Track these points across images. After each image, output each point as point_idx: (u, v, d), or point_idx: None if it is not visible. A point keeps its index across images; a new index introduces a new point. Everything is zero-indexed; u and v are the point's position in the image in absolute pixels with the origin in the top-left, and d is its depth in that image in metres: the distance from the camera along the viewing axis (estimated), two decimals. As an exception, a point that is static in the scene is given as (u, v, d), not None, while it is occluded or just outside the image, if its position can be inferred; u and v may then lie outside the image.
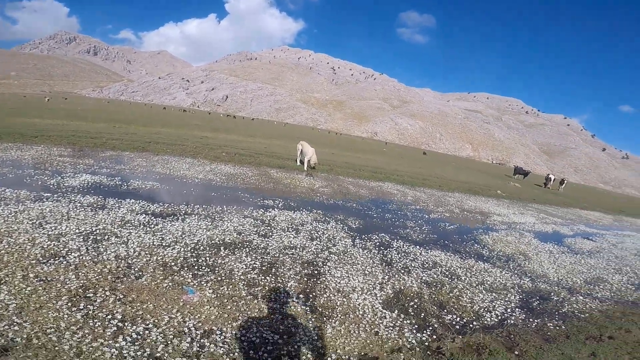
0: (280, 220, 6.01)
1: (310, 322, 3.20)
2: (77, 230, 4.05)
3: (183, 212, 5.57)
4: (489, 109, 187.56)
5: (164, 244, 4.17)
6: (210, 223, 5.22)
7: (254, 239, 4.86)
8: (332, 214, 7.08)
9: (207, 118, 55.13)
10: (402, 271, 4.73)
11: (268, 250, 4.60)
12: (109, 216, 4.73)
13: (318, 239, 5.38)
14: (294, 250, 4.76)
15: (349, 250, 5.14)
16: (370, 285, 4.12)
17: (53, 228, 3.98)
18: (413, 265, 5.03)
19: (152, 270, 3.51)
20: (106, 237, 4.05)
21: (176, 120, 33.28)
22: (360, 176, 13.22)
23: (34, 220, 4.11)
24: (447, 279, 4.75)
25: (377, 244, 5.71)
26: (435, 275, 4.78)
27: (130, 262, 3.58)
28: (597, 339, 3.83)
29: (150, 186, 6.96)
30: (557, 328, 3.97)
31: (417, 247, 5.88)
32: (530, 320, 4.06)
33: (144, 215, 5.03)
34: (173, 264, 3.75)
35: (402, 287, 4.23)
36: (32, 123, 14.84)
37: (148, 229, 4.55)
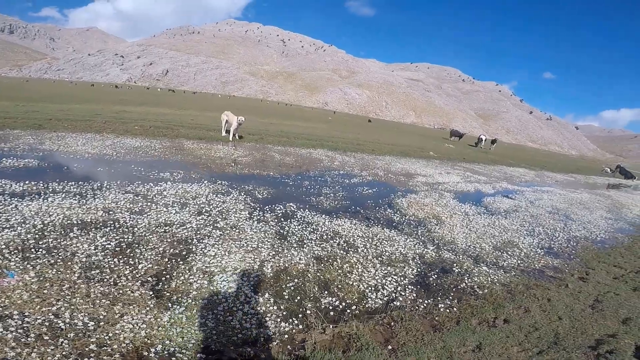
0: (169, 194, 5.37)
1: (147, 308, 2.72)
2: None
3: (50, 190, 4.78)
4: (430, 78, 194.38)
5: (3, 226, 3.50)
6: (77, 201, 4.50)
7: (122, 217, 4.23)
8: (240, 184, 6.57)
9: (139, 93, 50.10)
10: (295, 245, 4.37)
11: (134, 229, 4.01)
12: None
13: (207, 213, 4.86)
14: (167, 228, 4.19)
15: (240, 224, 4.69)
16: (248, 265, 3.69)
17: None
18: (310, 237, 4.69)
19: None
20: None
21: (102, 96, 29.66)
22: (292, 144, 12.77)
23: None
24: (342, 251, 4.44)
25: (280, 215, 5.34)
26: (330, 248, 4.45)
27: None
28: (490, 324, 3.45)
29: (25, 164, 5.96)
30: (449, 310, 3.54)
31: (324, 216, 5.59)
32: (421, 301, 3.63)
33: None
34: (4, 246, 3.15)
35: (287, 265, 3.85)
36: None
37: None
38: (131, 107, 20.13)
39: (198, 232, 4.23)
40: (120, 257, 3.38)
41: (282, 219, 5.17)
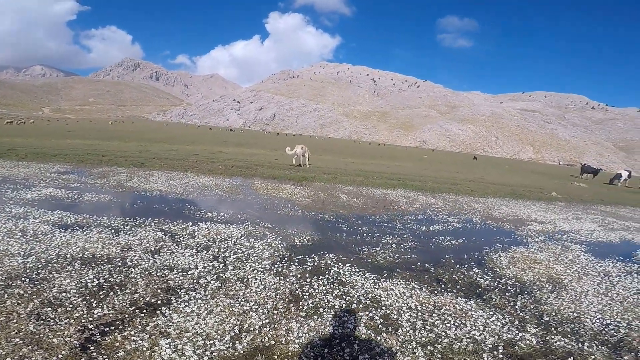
0: (200, 235, 4.87)
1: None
2: None
3: (95, 223, 4.98)
4: (549, 107, 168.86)
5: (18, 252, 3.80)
6: (107, 235, 4.52)
7: (133, 255, 3.95)
8: (283, 227, 5.69)
9: (247, 136, 56.93)
10: (303, 314, 3.14)
11: (132, 269, 3.62)
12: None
13: (222, 260, 4.10)
14: (166, 272, 3.64)
15: (250, 276, 3.75)
16: (220, 332, 2.73)
17: None
18: (332, 304, 3.37)
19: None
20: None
21: (211, 138, 34.41)
22: (366, 184, 11.54)
23: None
24: (370, 331, 2.98)
25: (309, 268, 4.17)
26: (352, 325, 3.05)
27: None
28: None
29: (98, 199, 6.51)
30: None
31: (370, 274, 4.18)
32: None
33: (49, 225, 4.72)
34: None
35: (273, 343, 2.69)
36: (67, 144, 15.94)
37: (29, 237, 4.24)
38: (230, 148, 22.28)
39: (194, 281, 3.50)
40: (89, 298, 3.02)
41: (308, 275, 3.99)
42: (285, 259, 4.39)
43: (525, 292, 4.19)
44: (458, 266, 4.84)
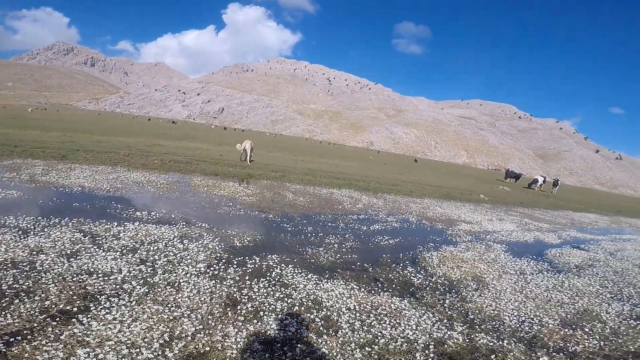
0: (126, 236, 4.43)
1: None
2: None
3: (2, 223, 4.32)
4: (483, 115, 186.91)
5: None
6: (14, 237, 3.94)
7: (43, 259, 3.50)
8: (222, 228, 5.44)
9: (190, 129, 53.91)
10: (242, 319, 3.04)
11: (43, 274, 3.23)
12: None
13: (150, 263, 3.79)
14: (84, 277, 3.30)
15: (183, 280, 3.53)
16: (147, 340, 2.54)
17: None
18: (273, 307, 3.32)
19: None
20: None
21: (148, 130, 31.90)
22: (314, 183, 11.62)
23: None
24: (312, 334, 2.99)
25: (249, 270, 4.05)
26: (294, 328, 3.03)
27: None
28: None
29: (4, 196, 5.59)
30: None
31: (313, 275, 4.19)
32: None
33: None
34: None
35: (208, 349, 2.55)
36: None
37: None
38: (169, 141, 20.86)
39: (117, 287, 3.20)
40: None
41: (248, 277, 3.87)
42: (223, 261, 4.19)
43: (453, 291, 4.48)
44: (394, 265, 5.06)
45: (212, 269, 3.92)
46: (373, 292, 4.04)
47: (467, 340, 3.33)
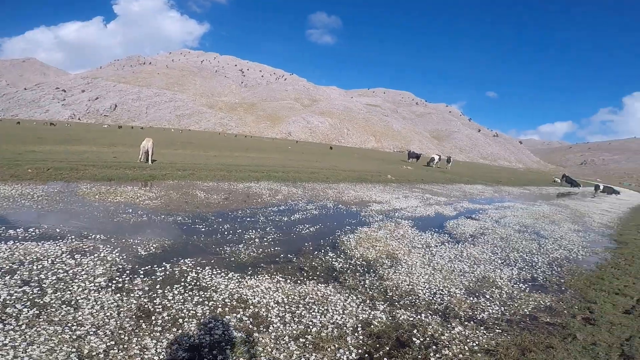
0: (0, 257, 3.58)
1: None
2: None
3: None
4: (387, 102, 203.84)
5: None
6: None
7: None
8: (122, 237, 4.80)
9: (75, 130, 46.10)
10: (159, 329, 2.78)
11: None
12: None
13: (36, 283, 3.23)
14: None
15: (81, 297, 3.09)
16: None
17: None
18: (193, 312, 3.10)
19: None
20: None
21: (19, 135, 26.14)
22: (229, 178, 11.09)
23: None
24: (241, 334, 2.88)
25: (160, 279, 3.68)
26: (221, 331, 2.88)
27: None
28: None
29: None
30: None
31: (234, 273, 4.02)
32: None
33: None
34: None
35: None
36: None
37: None
38: (47, 146, 17.45)
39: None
40: None
41: (160, 286, 3.52)
42: (127, 272, 3.72)
43: (371, 270, 4.69)
44: (316, 252, 5.15)
45: (114, 282, 3.47)
46: (299, 282, 4.07)
47: (390, 318, 3.51)
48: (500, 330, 3.51)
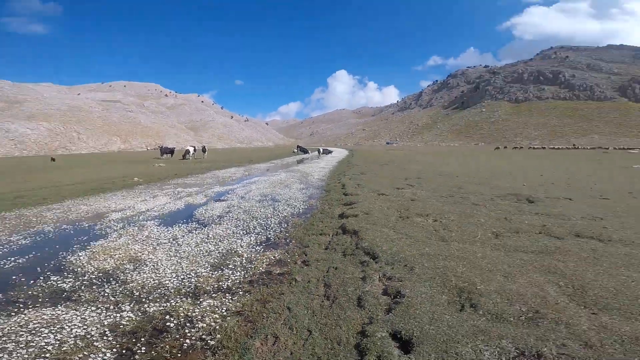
0: None
1: None
2: None
3: None
4: (129, 96, 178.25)
5: None
6: None
7: None
8: None
9: None
10: None
11: None
12: None
13: None
14: None
15: None
16: None
17: None
18: None
19: None
20: None
21: None
22: None
23: None
24: None
25: None
26: None
27: None
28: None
29: None
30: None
31: None
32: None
33: None
34: None
35: None
36: None
37: None
38: None
39: None
40: None
41: None
42: None
43: (112, 279, 4.55)
44: (33, 282, 4.52)
45: None
46: (12, 314, 3.62)
47: (141, 314, 3.63)
48: (243, 292, 4.03)
